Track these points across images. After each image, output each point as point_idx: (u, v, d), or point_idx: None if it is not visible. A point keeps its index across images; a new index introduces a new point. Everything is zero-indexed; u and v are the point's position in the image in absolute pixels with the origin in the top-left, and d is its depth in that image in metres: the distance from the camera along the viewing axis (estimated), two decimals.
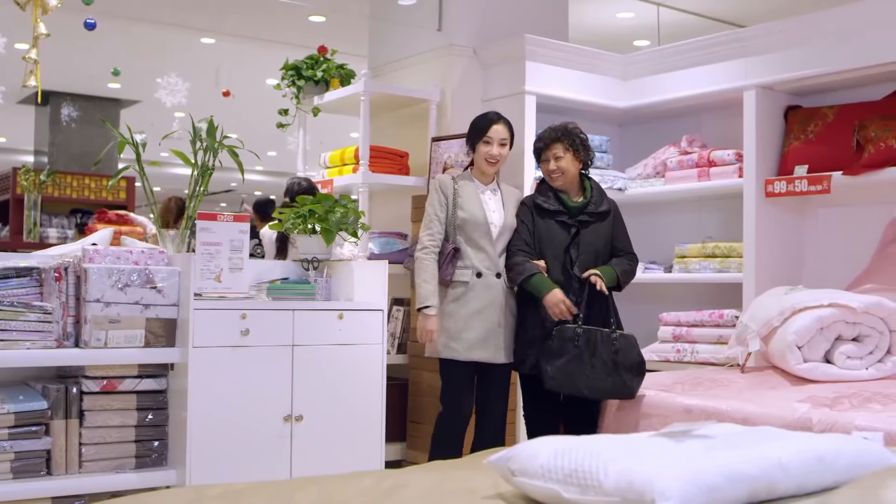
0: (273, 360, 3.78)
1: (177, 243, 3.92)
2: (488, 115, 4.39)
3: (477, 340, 4.19)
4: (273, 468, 3.75)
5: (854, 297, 4.11)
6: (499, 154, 4.31)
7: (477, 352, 4.19)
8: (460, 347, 4.19)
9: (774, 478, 1.94)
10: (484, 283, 4.20)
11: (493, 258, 4.24)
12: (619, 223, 4.34)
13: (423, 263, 4.20)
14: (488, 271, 4.22)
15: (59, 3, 4.41)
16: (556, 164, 4.21)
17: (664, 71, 5.50)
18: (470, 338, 4.18)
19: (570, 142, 4.22)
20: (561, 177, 4.23)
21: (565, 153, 4.22)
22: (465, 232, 4.24)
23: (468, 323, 4.19)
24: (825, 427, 3.25)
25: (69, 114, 12.62)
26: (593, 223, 4.23)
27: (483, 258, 4.23)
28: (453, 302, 4.22)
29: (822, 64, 4.75)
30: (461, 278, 4.21)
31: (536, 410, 4.24)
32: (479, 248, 4.23)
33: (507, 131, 4.36)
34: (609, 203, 4.31)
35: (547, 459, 2.03)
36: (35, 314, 3.40)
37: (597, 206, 4.25)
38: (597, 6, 8.26)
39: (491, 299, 4.20)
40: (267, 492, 2.31)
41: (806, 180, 4.82)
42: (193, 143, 3.95)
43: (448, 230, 4.24)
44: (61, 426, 3.43)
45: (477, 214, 4.26)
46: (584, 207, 4.22)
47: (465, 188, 4.31)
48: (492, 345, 4.20)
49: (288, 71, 5.63)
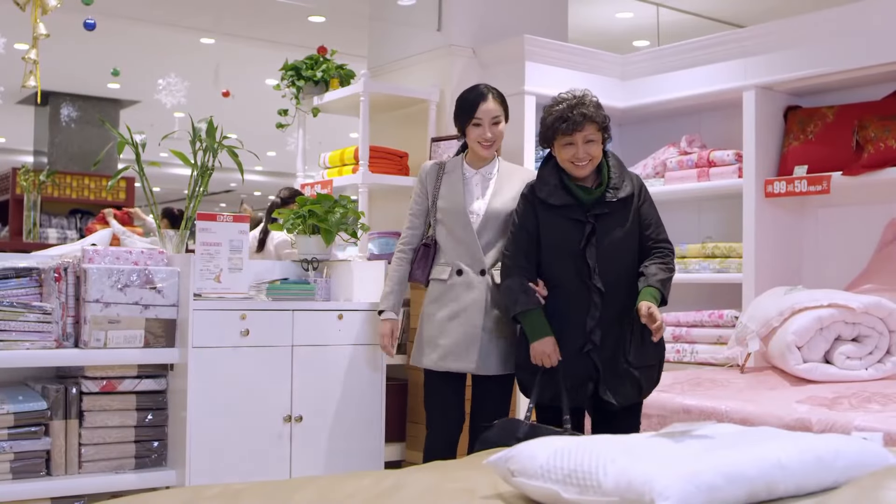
0: (272, 361, 3.78)
1: (176, 243, 3.92)
2: (475, 91, 3.80)
3: (453, 347, 3.65)
4: (273, 468, 3.75)
5: (853, 297, 4.11)
6: (493, 135, 3.74)
7: (452, 361, 3.65)
8: (434, 356, 3.68)
9: (774, 478, 1.94)
10: (465, 282, 3.67)
11: (474, 253, 3.68)
12: (646, 204, 3.54)
13: (392, 264, 3.85)
14: (470, 268, 3.68)
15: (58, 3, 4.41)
16: (587, 150, 3.41)
17: (663, 71, 5.50)
18: (445, 344, 3.66)
19: (601, 120, 3.46)
20: (589, 164, 3.44)
21: (598, 134, 3.45)
22: (446, 224, 3.74)
23: (444, 327, 3.68)
24: (824, 427, 3.25)
25: (69, 114, 12.62)
26: (613, 214, 3.45)
27: (463, 253, 3.69)
28: (431, 303, 3.75)
29: (822, 64, 4.75)
30: (439, 276, 3.73)
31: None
32: (459, 242, 3.70)
33: (500, 106, 3.77)
34: (632, 182, 3.52)
35: (546, 460, 2.03)
36: (34, 314, 3.40)
37: (617, 191, 3.46)
38: (596, 6, 8.26)
39: (472, 300, 3.66)
40: (265, 492, 2.31)
41: (805, 180, 4.81)
42: (193, 143, 3.95)
43: (431, 223, 3.80)
44: (61, 426, 3.43)
45: (456, 202, 3.72)
46: (602, 197, 3.45)
47: (451, 174, 3.80)
48: (472, 353, 3.64)
49: (287, 71, 5.63)
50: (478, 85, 3.86)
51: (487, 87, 3.80)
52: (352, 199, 4.59)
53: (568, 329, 3.43)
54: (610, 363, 3.41)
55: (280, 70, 5.69)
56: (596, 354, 3.40)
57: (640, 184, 3.58)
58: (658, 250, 3.52)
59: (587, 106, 3.44)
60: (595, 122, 3.43)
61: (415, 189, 3.87)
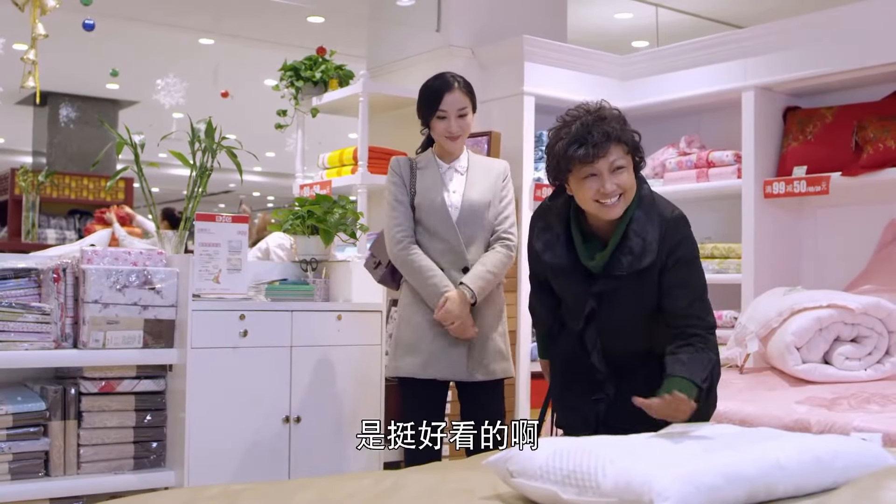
0: (271, 361, 3.77)
1: (175, 244, 3.91)
2: (440, 80, 3.53)
3: (437, 353, 3.45)
4: (272, 469, 3.74)
5: (853, 297, 4.11)
6: (459, 129, 3.49)
7: (437, 368, 3.45)
8: (417, 362, 3.47)
9: (773, 478, 1.94)
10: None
11: (456, 248, 3.47)
12: (681, 268, 2.64)
13: (409, 259, 3.46)
14: (451, 265, 3.48)
15: (57, 3, 4.41)
16: (616, 181, 2.60)
17: (663, 72, 5.50)
18: (428, 350, 3.45)
19: (630, 140, 2.65)
20: (622, 199, 2.63)
21: (627, 157, 2.64)
22: (423, 222, 3.50)
23: (425, 331, 3.47)
24: (823, 428, 3.25)
25: (67, 114, 12.62)
26: (624, 288, 2.67)
27: (444, 249, 3.47)
28: (409, 305, 3.54)
29: (821, 65, 4.75)
30: None
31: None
32: (438, 238, 3.48)
33: (466, 97, 3.49)
34: (661, 236, 2.65)
35: (545, 460, 2.03)
36: (33, 315, 3.40)
37: (631, 260, 2.63)
38: (595, 7, 8.26)
39: None
40: (265, 492, 2.31)
41: (805, 181, 4.81)
42: (192, 143, 3.95)
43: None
44: (59, 427, 3.42)
45: (433, 197, 3.48)
46: (612, 263, 2.65)
47: (425, 170, 3.56)
48: (461, 357, 3.47)
49: (286, 72, 5.62)
50: (443, 73, 3.60)
51: (454, 76, 3.55)
52: (351, 200, 4.58)
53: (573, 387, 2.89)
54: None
55: (279, 70, 5.69)
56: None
57: (682, 237, 2.68)
58: (691, 339, 2.58)
59: (609, 122, 2.63)
60: (623, 143, 2.63)
61: (390, 180, 3.57)
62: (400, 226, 3.50)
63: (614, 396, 2.76)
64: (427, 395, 3.51)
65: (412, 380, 3.51)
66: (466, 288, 3.44)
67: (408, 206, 3.51)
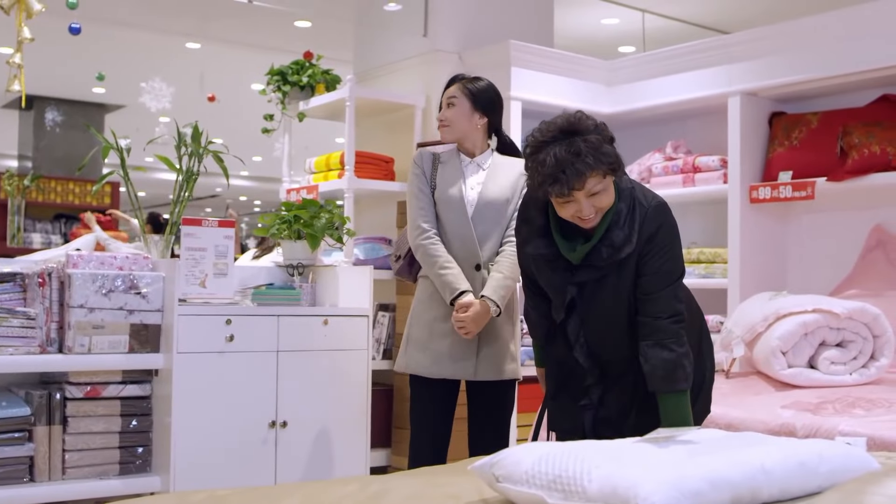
0: (258, 366, 3.77)
1: (161, 249, 3.91)
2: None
3: (447, 352, 3.43)
4: (258, 474, 3.74)
5: (838, 302, 4.13)
6: (443, 116, 3.56)
7: (448, 367, 3.43)
8: (426, 360, 3.45)
9: (758, 483, 1.94)
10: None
11: (469, 245, 3.44)
12: (655, 255, 2.69)
13: (429, 250, 3.42)
14: (465, 262, 3.44)
15: (43, 7, 4.40)
16: (594, 203, 2.61)
17: (649, 77, 5.52)
18: (437, 349, 3.44)
19: (608, 163, 2.58)
20: (598, 214, 2.65)
21: (605, 180, 2.61)
22: (440, 215, 3.49)
23: (435, 330, 3.46)
24: (809, 432, 3.26)
25: (53, 118, 12.57)
26: (607, 277, 2.72)
27: (459, 246, 3.45)
28: (421, 303, 3.54)
29: (806, 70, 4.78)
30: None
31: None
32: (452, 235, 3.46)
33: (459, 90, 3.57)
34: (645, 227, 2.69)
35: (531, 465, 2.03)
36: (18, 320, 3.38)
37: (611, 251, 2.67)
38: (582, 12, 8.28)
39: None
40: (251, 497, 2.31)
41: (790, 186, 4.83)
42: (178, 148, 3.94)
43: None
44: (44, 432, 3.41)
45: (450, 190, 3.48)
46: (593, 254, 2.69)
47: (447, 164, 3.58)
48: (469, 357, 3.43)
49: (273, 76, 5.62)
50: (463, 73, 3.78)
51: (461, 75, 3.69)
52: (337, 205, 4.58)
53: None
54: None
55: (266, 75, 5.68)
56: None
57: (663, 222, 2.70)
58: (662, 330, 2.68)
59: (583, 157, 2.53)
60: (597, 169, 2.56)
61: (412, 172, 3.58)
62: (422, 216, 3.48)
63: (598, 403, 2.85)
64: (436, 394, 3.50)
65: (422, 378, 3.50)
66: (492, 302, 3.36)
67: (430, 197, 3.50)
